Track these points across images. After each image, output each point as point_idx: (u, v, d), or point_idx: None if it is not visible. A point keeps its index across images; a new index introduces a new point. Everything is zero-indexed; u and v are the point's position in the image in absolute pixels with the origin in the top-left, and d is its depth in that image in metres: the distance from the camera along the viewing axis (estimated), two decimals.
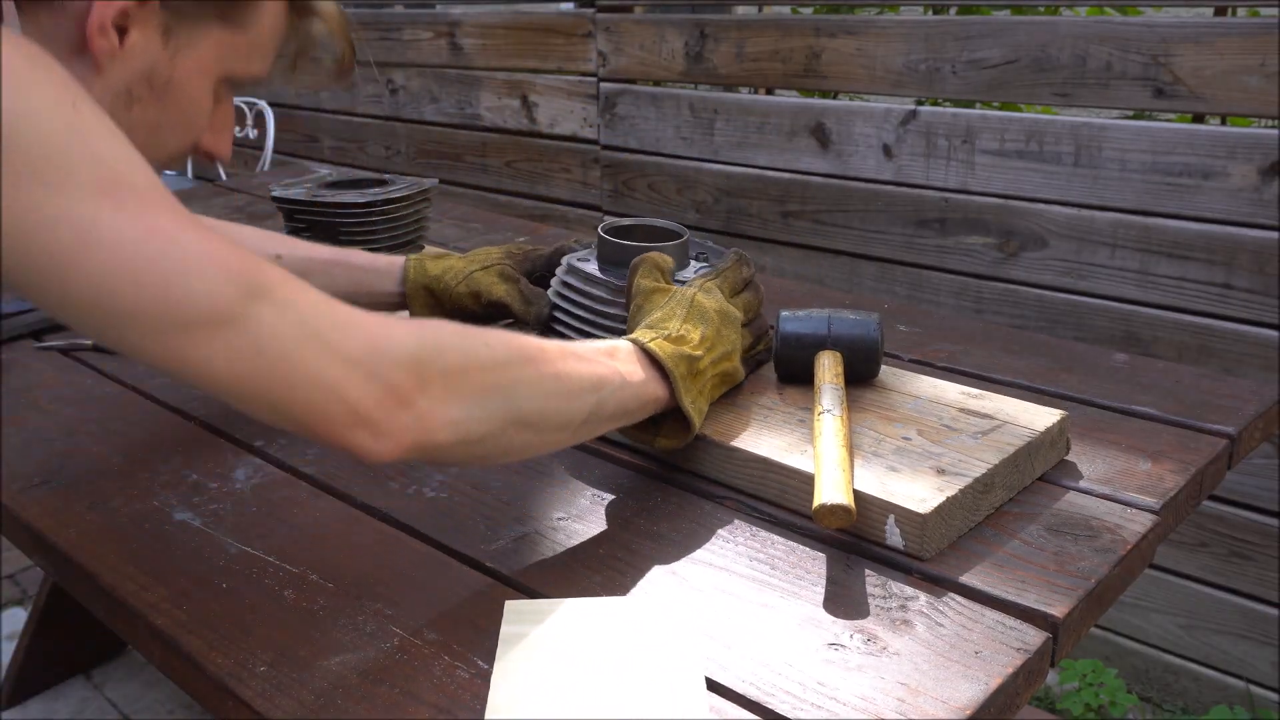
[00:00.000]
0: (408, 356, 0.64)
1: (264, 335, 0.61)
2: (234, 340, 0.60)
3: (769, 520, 0.81)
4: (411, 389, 0.64)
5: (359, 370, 0.63)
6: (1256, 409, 0.99)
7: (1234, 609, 1.71)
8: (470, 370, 0.68)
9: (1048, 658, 0.67)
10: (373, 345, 0.64)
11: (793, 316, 0.97)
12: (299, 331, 0.62)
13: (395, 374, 0.63)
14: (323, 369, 0.62)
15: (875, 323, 0.95)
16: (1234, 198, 1.54)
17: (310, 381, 0.62)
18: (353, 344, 0.63)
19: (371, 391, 0.63)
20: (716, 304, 0.89)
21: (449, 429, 0.66)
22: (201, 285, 0.59)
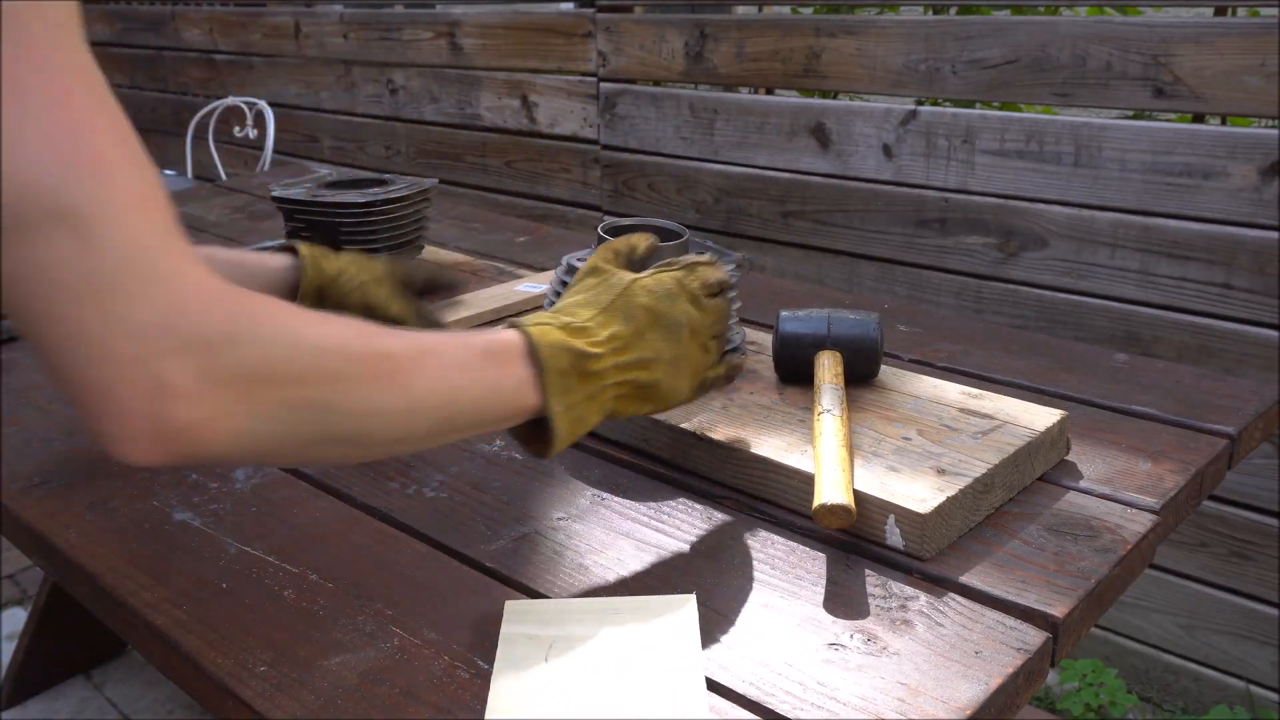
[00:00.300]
0: (202, 342, 0.51)
1: (46, 265, 0.49)
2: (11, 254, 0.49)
3: (769, 520, 0.81)
4: (189, 387, 0.51)
5: (134, 342, 0.50)
6: (1256, 409, 0.99)
7: (1234, 609, 1.71)
8: (280, 380, 0.55)
9: (1048, 658, 0.67)
10: (165, 315, 0.50)
11: (792, 316, 0.97)
12: (86, 278, 0.49)
13: (174, 362, 0.50)
14: (90, 329, 0.49)
15: (875, 323, 0.95)
16: (1234, 198, 1.54)
17: (72, 341, 0.49)
18: (143, 308, 0.50)
19: (136, 377, 0.50)
20: (652, 302, 0.75)
21: (229, 441, 0.54)
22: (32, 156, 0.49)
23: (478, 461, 0.92)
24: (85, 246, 0.49)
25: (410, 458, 0.93)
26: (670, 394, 0.76)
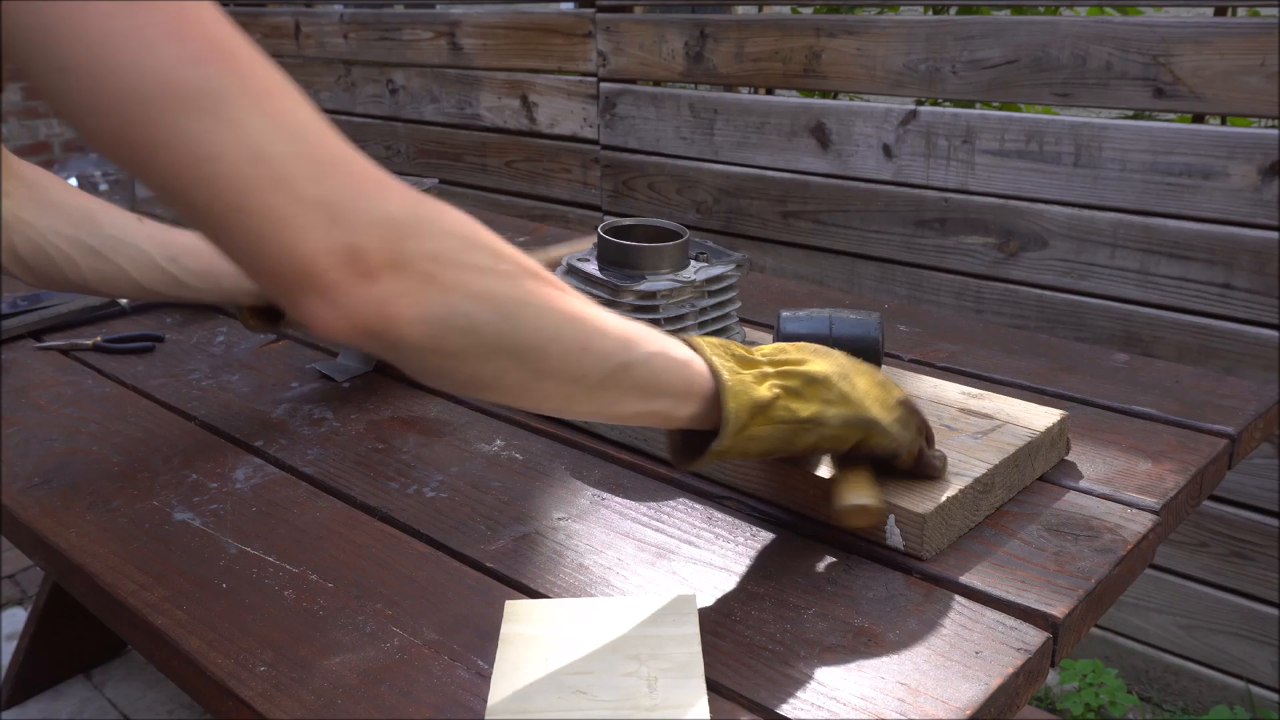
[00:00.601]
0: (390, 220, 0.53)
1: (216, 138, 0.49)
2: (194, 127, 0.49)
3: (769, 520, 0.81)
4: (382, 260, 0.52)
5: (324, 215, 0.51)
6: (1256, 409, 0.99)
7: (1234, 609, 1.71)
8: (464, 267, 0.55)
9: (1048, 658, 0.67)
10: (354, 191, 0.52)
11: (793, 316, 0.96)
12: (271, 144, 0.50)
13: (367, 234, 0.52)
14: (281, 201, 0.50)
15: (876, 322, 0.95)
16: (1234, 198, 1.54)
17: (262, 211, 0.50)
18: (331, 181, 0.51)
19: (331, 245, 0.51)
20: (802, 344, 0.76)
21: (420, 326, 0.54)
22: (167, 53, 0.48)
23: (478, 461, 0.92)
24: (261, 115, 0.50)
25: (410, 457, 0.93)
26: (849, 398, 0.72)
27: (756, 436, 0.70)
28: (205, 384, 1.10)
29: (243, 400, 1.06)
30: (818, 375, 0.72)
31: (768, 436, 0.70)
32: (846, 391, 0.73)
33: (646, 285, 0.98)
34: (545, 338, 0.59)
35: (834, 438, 0.73)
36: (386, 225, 0.52)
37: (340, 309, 0.52)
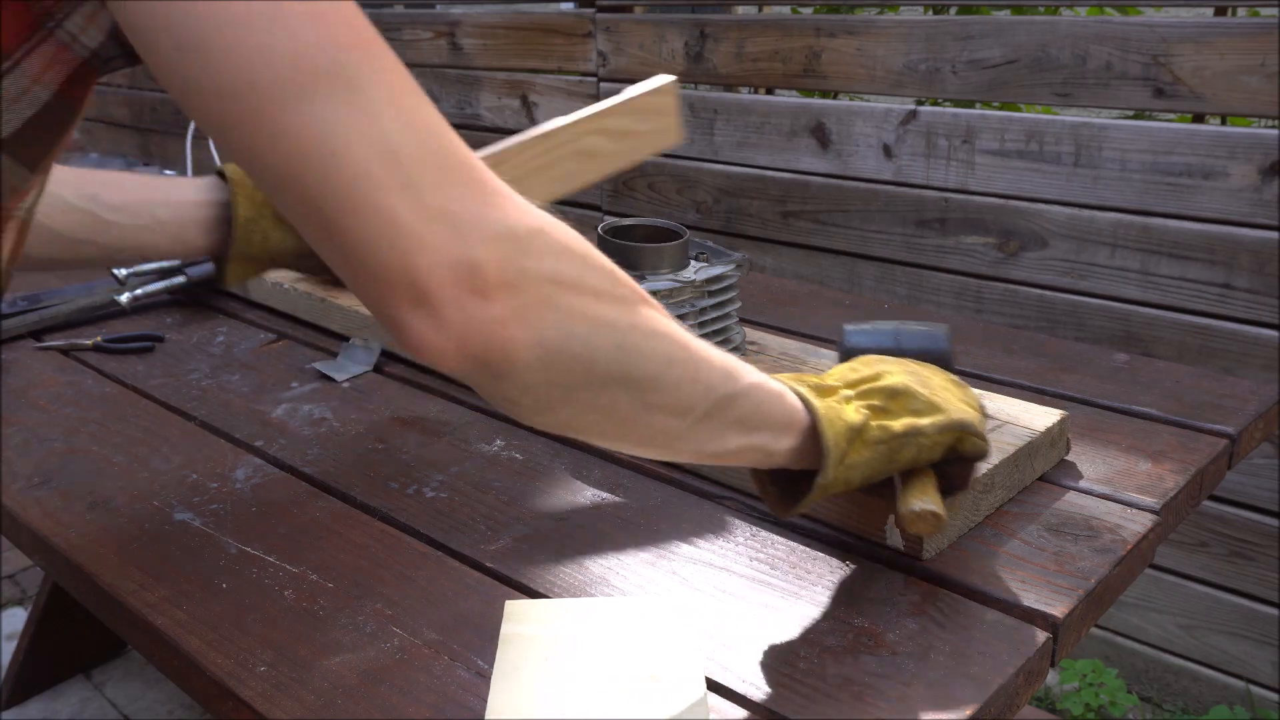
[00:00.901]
0: (513, 236, 0.49)
1: (347, 127, 0.46)
2: (327, 113, 0.46)
3: (769, 520, 0.81)
4: (501, 279, 0.48)
5: (447, 226, 0.47)
6: (1256, 409, 0.99)
7: (1234, 609, 1.71)
8: (585, 290, 0.52)
9: (1048, 658, 0.67)
10: (479, 202, 0.48)
11: (857, 330, 0.91)
12: (403, 143, 0.47)
13: (488, 250, 0.48)
14: (405, 207, 0.46)
15: (944, 334, 0.90)
16: (1234, 198, 1.54)
17: (384, 215, 0.46)
18: (457, 190, 0.48)
19: (450, 260, 0.47)
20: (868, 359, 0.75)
21: (534, 350, 0.50)
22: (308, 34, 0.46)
23: (478, 461, 0.92)
24: (374, 119, 0.46)
25: (410, 457, 0.93)
26: (935, 405, 0.70)
27: (856, 464, 0.67)
28: (205, 384, 1.10)
29: (243, 400, 1.06)
30: (898, 388, 0.69)
31: (867, 461, 0.67)
32: (930, 398, 0.70)
33: (646, 285, 0.98)
34: (658, 367, 0.56)
35: (931, 446, 0.70)
36: (509, 241, 0.49)
37: (450, 330, 0.48)
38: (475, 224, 0.48)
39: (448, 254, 0.47)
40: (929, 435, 0.69)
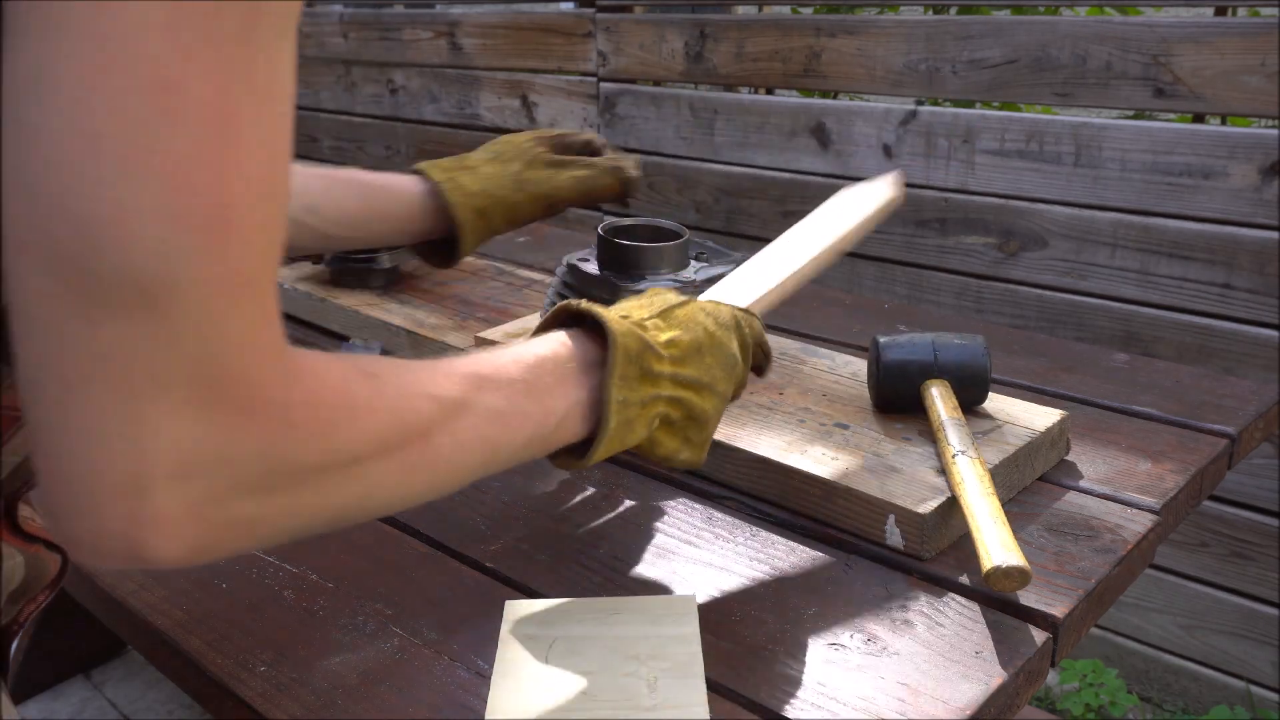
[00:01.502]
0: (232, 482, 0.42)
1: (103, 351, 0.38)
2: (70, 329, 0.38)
3: (769, 520, 0.81)
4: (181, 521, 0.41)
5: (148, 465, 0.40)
6: (1256, 409, 0.99)
7: (1234, 609, 1.71)
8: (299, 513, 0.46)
9: (1048, 658, 0.67)
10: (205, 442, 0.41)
11: (893, 343, 0.89)
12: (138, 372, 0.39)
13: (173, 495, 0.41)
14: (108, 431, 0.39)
15: (982, 348, 0.89)
16: (1234, 198, 1.54)
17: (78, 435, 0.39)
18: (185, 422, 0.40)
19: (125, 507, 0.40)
20: (712, 325, 0.69)
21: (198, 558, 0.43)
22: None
23: None
24: (156, 336, 0.38)
25: None
26: (705, 444, 0.69)
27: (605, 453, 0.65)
28: None
29: None
30: (701, 414, 0.67)
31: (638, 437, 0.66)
32: (709, 436, 0.69)
33: (646, 285, 0.98)
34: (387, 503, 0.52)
35: (654, 462, 0.69)
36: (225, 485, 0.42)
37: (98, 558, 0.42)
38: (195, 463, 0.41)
39: (126, 499, 0.40)
40: (671, 464, 0.68)
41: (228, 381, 0.40)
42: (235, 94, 0.38)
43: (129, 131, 0.36)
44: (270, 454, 0.43)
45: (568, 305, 0.67)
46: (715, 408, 0.68)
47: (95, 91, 0.36)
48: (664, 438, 0.67)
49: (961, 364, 0.88)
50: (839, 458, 0.82)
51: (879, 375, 0.89)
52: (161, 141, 0.37)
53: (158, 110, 0.36)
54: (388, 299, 1.27)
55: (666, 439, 0.67)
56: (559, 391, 0.61)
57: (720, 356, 0.69)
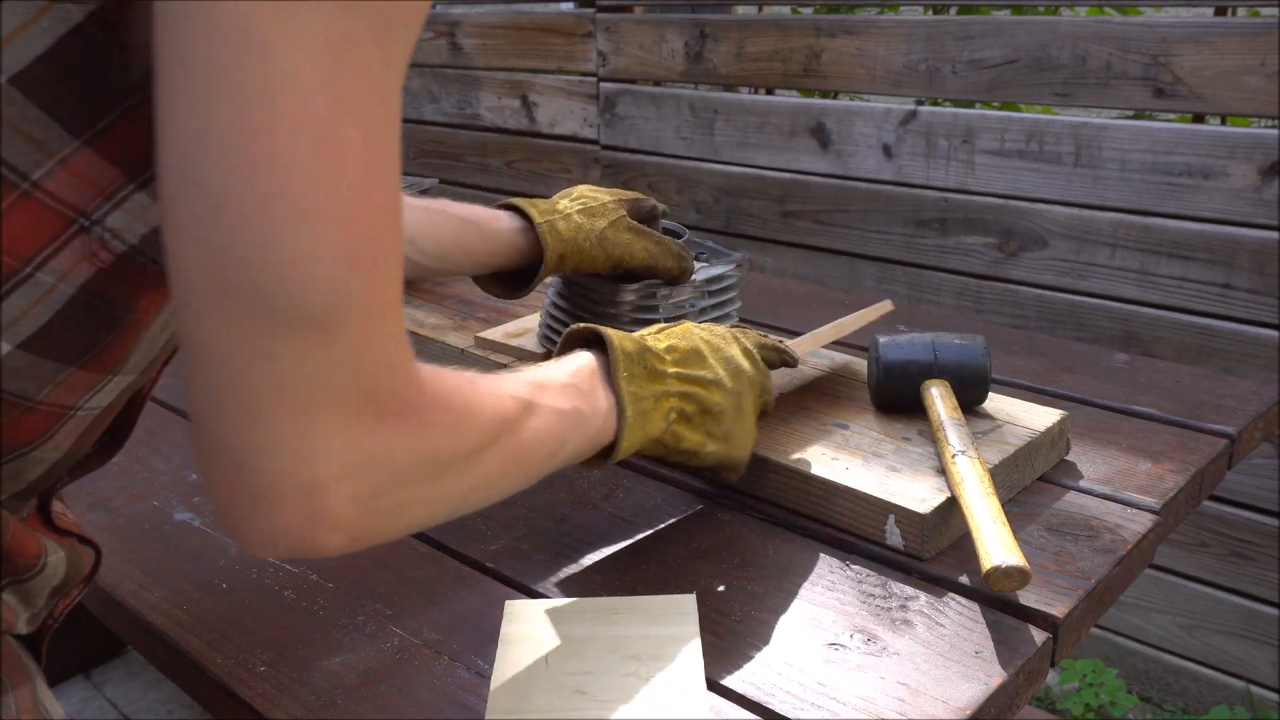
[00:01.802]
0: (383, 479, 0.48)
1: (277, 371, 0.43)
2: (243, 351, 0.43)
3: (769, 520, 0.81)
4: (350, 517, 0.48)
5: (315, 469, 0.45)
6: (1256, 409, 0.99)
7: (1234, 609, 1.71)
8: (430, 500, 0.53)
9: (1048, 658, 0.67)
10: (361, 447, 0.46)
11: (894, 343, 0.90)
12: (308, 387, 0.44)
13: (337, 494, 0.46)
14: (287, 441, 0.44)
15: (981, 347, 0.89)
16: (1234, 198, 1.54)
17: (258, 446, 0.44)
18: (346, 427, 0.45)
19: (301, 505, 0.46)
20: (708, 336, 0.77)
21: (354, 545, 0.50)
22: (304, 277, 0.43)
23: None
24: (325, 358, 0.43)
25: None
26: (735, 433, 0.75)
27: (632, 450, 0.72)
28: None
29: None
30: (714, 407, 0.74)
31: (641, 448, 0.73)
32: (732, 427, 0.75)
33: (646, 285, 0.98)
34: (496, 491, 0.60)
35: (698, 465, 0.76)
36: (380, 481, 0.48)
37: (268, 549, 0.47)
38: (353, 468, 0.46)
39: (305, 498, 0.45)
40: (703, 459, 0.75)
41: (381, 392, 0.46)
42: (376, 136, 0.42)
43: (301, 188, 0.40)
44: (416, 450, 0.50)
45: (572, 332, 0.74)
46: (728, 402, 0.74)
47: (271, 156, 0.40)
48: (684, 431, 0.73)
49: (961, 364, 0.88)
50: (839, 458, 0.82)
51: (879, 375, 0.89)
52: (328, 192, 0.41)
53: (323, 165, 0.41)
54: None
55: (687, 432, 0.74)
56: (596, 394, 0.68)
57: (720, 358, 0.75)
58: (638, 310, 0.97)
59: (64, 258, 0.46)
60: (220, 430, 0.44)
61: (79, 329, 0.48)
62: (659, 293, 0.98)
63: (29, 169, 0.44)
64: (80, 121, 0.44)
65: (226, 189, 0.40)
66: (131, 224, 0.47)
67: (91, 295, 0.48)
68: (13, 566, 0.51)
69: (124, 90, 0.44)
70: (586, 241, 0.93)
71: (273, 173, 0.40)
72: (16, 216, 0.44)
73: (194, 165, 0.40)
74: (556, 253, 0.92)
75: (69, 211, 0.45)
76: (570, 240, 0.93)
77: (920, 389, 0.88)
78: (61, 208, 0.45)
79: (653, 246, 0.95)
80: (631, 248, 0.95)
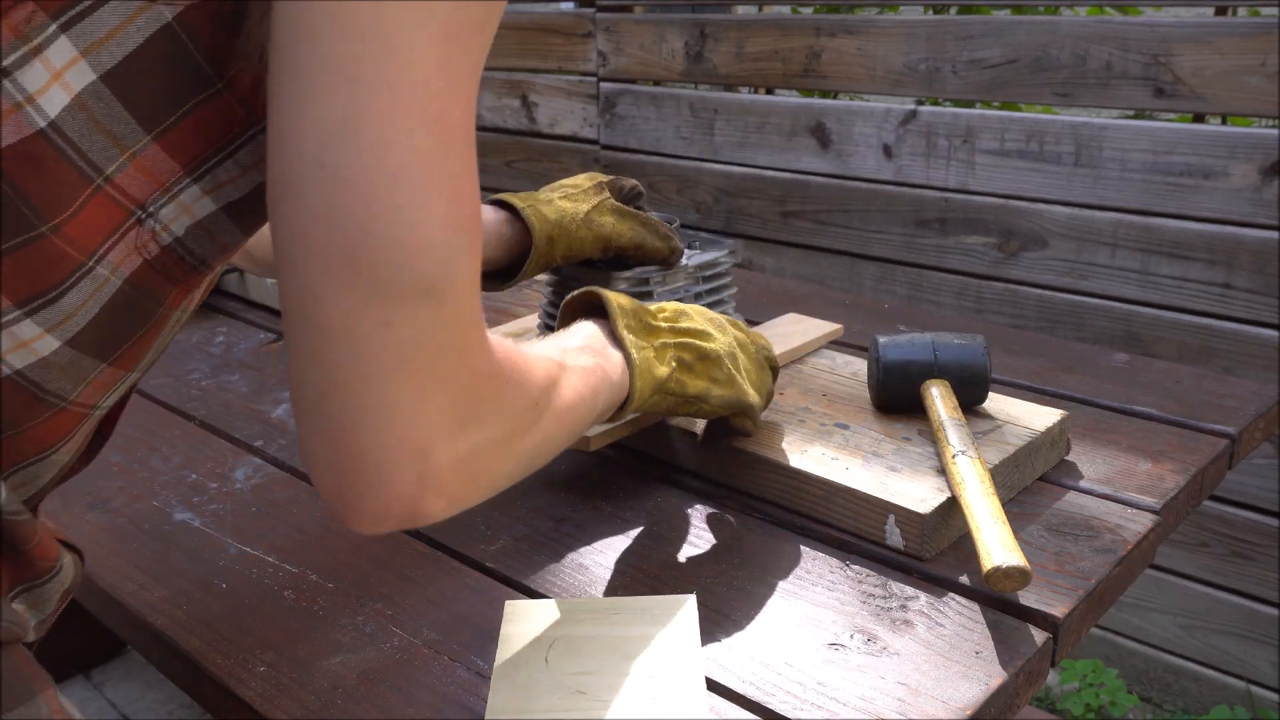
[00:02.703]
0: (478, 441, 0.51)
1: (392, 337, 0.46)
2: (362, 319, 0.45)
3: (769, 520, 0.81)
4: (448, 481, 0.50)
5: (426, 431, 0.48)
6: (1256, 409, 0.99)
7: (1234, 609, 1.71)
8: (510, 438, 0.56)
9: (1048, 658, 0.67)
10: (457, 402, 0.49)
11: (894, 343, 0.90)
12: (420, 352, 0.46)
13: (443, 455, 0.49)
14: (401, 404, 0.47)
15: (982, 348, 0.89)
16: (1234, 198, 1.54)
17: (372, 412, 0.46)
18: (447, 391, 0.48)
19: (413, 468, 0.48)
20: (687, 305, 0.82)
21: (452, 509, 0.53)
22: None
23: None
24: (435, 322, 0.46)
25: None
26: (733, 380, 0.79)
27: (648, 407, 0.76)
28: (205, 384, 1.10)
29: (243, 400, 1.06)
30: (710, 353, 0.78)
31: (656, 406, 0.76)
32: (733, 373, 0.79)
33: (638, 271, 0.98)
34: (559, 442, 0.64)
35: (710, 411, 0.79)
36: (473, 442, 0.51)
37: (383, 522, 0.50)
38: (450, 425, 0.49)
39: (415, 460, 0.48)
40: (711, 404, 0.78)
41: (477, 355, 0.50)
42: (470, 110, 0.46)
43: (422, 163, 0.44)
44: (502, 407, 0.54)
45: (570, 301, 0.78)
46: (723, 349, 0.79)
47: (396, 134, 0.43)
48: (688, 378, 0.77)
49: (962, 364, 0.88)
50: (839, 458, 0.82)
51: (879, 375, 0.89)
52: (442, 165, 0.44)
53: (438, 140, 0.44)
54: None
55: (691, 379, 0.77)
56: (607, 351, 0.72)
57: (705, 317, 0.81)
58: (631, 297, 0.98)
59: (119, 250, 0.48)
60: (335, 408, 0.46)
61: (117, 323, 0.50)
62: (652, 279, 0.98)
63: (104, 164, 0.45)
64: (153, 118, 0.46)
65: (357, 168, 0.43)
66: (180, 216, 0.49)
67: (132, 288, 0.49)
68: (34, 570, 0.52)
69: (193, 87, 0.46)
70: (572, 224, 0.94)
71: (398, 150, 0.43)
72: (89, 211, 0.45)
73: (326, 149, 0.43)
74: (545, 234, 0.93)
75: (131, 205, 0.47)
76: (556, 223, 0.94)
77: (920, 389, 0.87)
78: (126, 200, 0.47)
79: (639, 226, 0.96)
80: (618, 228, 0.96)
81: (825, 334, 1.08)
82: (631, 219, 0.96)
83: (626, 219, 0.96)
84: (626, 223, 0.96)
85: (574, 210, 0.95)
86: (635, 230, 0.96)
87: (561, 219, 0.95)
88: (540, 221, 0.94)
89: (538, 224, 0.93)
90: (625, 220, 0.96)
